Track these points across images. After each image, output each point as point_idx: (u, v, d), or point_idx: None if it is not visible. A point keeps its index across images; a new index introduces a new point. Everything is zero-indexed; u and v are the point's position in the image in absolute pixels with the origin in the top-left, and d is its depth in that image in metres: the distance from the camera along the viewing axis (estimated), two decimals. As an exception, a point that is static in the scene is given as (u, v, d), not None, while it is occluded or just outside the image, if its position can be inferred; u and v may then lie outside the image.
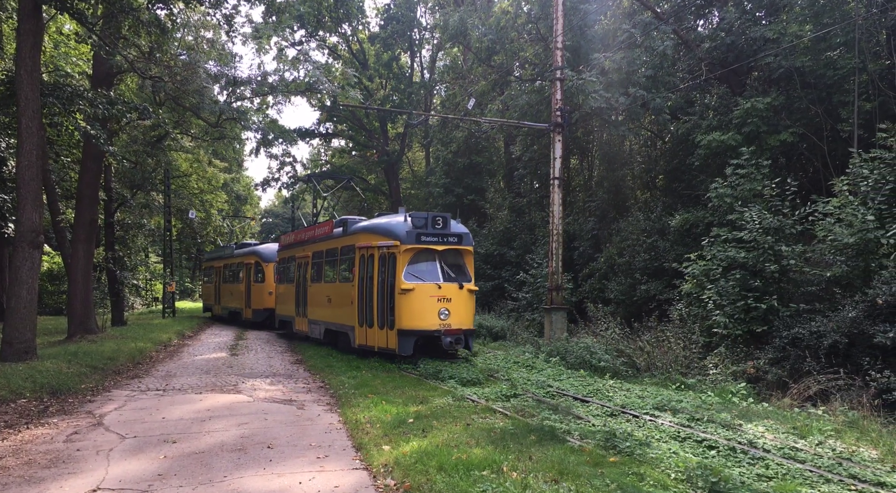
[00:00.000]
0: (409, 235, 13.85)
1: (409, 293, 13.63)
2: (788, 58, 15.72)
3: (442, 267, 14.07)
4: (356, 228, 15.75)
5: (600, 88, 18.11)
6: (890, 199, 11.53)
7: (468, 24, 24.01)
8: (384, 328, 14.14)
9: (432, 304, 13.63)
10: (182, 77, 16.65)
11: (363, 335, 14.87)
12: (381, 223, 14.93)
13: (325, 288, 17.62)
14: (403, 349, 13.71)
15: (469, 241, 14.66)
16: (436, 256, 14.11)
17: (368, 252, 14.67)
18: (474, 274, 14.78)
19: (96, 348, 15.17)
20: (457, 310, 13.84)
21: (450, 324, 13.69)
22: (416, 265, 13.93)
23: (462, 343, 13.70)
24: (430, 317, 13.60)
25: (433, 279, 13.84)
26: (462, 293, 14.05)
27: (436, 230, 14.08)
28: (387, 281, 14.05)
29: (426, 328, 13.60)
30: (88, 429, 8.57)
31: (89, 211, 19.08)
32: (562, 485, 5.89)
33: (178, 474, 6.57)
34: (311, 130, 41.42)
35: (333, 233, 17.40)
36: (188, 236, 45.68)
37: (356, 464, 6.95)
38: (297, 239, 21.12)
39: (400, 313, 13.72)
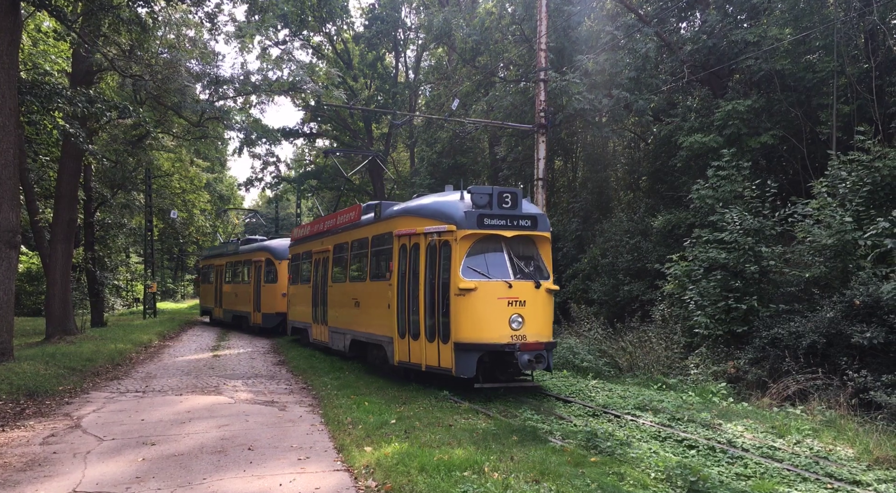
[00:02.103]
0: (469, 217, 10.57)
1: (469, 294, 10.35)
2: (769, 61, 15.90)
3: (511, 259, 10.77)
4: (393, 212, 12.58)
5: (584, 90, 18.18)
6: (867, 201, 11.70)
7: (452, 24, 24.01)
8: (434, 341, 10.85)
9: (501, 308, 10.33)
10: (163, 76, 16.49)
11: (404, 349, 11.58)
12: (427, 204, 11.79)
13: (350, 289, 14.46)
14: (463, 369, 10.33)
15: (545, 224, 11.26)
16: (503, 244, 10.81)
17: (411, 241, 11.51)
18: (552, 269, 11.42)
19: (75, 350, 14.97)
20: (533, 316, 10.47)
21: (524, 335, 10.32)
22: (477, 257, 10.71)
23: (544, 363, 10.32)
24: (498, 326, 10.28)
25: (501, 276, 10.51)
26: (539, 294, 10.65)
27: (503, 211, 10.77)
28: (438, 278, 10.86)
29: (493, 341, 10.22)
30: (66, 431, 8.46)
31: (68, 210, 18.83)
32: (542, 485, 5.90)
33: (157, 476, 6.50)
34: (296, 130, 41.23)
35: (361, 220, 14.28)
36: (170, 237, 45.26)
37: (337, 465, 6.92)
38: (313, 231, 18.01)
39: (457, 321, 10.40)
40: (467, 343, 10.33)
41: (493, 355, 10.64)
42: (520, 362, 10.07)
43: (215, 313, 29.73)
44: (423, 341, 11.10)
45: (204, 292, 33.92)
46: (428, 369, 11.09)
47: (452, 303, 10.49)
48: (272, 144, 40.72)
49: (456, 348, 10.41)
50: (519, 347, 10.13)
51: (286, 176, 47.53)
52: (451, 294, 10.49)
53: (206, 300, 32.38)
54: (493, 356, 10.66)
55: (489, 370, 10.86)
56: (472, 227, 10.58)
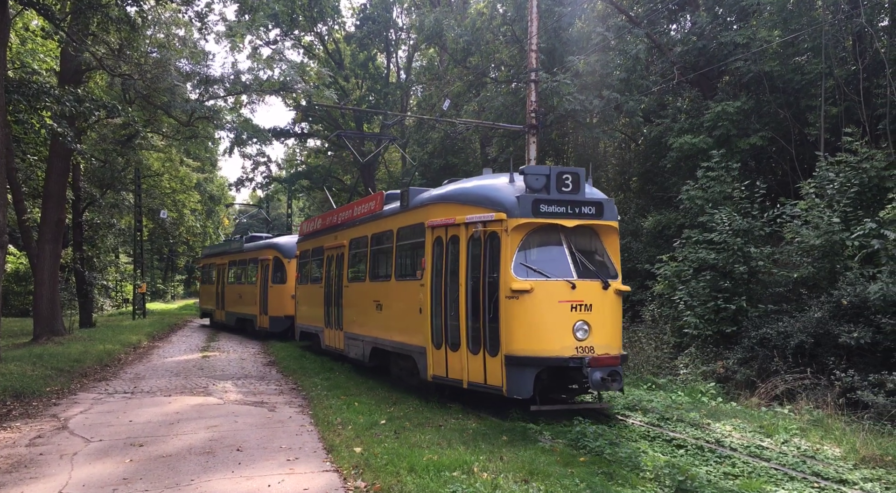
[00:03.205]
0: (523, 203, 8.85)
1: (524, 297, 8.57)
2: (758, 62, 15.99)
3: (573, 254, 9.00)
4: (425, 199, 10.75)
5: (575, 91, 18.23)
6: (854, 201, 11.80)
7: (444, 25, 24.01)
8: (479, 352, 9.08)
9: (563, 314, 8.60)
10: (153, 75, 16.42)
11: (440, 362, 9.78)
12: (469, 188, 9.96)
13: (371, 289, 12.69)
14: (517, 388, 8.58)
15: (612, 212, 9.45)
16: (563, 236, 9.07)
17: (448, 233, 9.79)
18: (620, 265, 9.63)
19: (63, 351, 14.87)
20: (601, 323, 8.76)
21: (591, 346, 8.57)
22: (531, 251, 9.03)
23: (619, 382, 8.51)
24: (559, 335, 8.56)
25: (562, 274, 8.79)
26: (607, 297, 8.91)
27: (563, 195, 9.01)
28: (483, 277, 9.11)
29: (554, 354, 8.48)
30: (52, 433, 8.40)
31: (56, 210, 18.70)
32: (531, 485, 5.92)
33: (144, 477, 6.47)
34: (287, 130, 41.13)
35: (384, 210, 12.53)
36: (160, 237, 45.04)
37: (327, 466, 6.90)
38: (325, 224, 16.21)
39: (509, 330, 8.64)
40: (522, 356, 8.55)
41: (552, 372, 8.86)
42: (591, 381, 8.30)
43: (216, 316, 27.98)
44: (465, 353, 9.29)
45: (204, 292, 31.87)
46: (472, 387, 9.26)
47: (503, 307, 8.71)
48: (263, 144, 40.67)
49: (507, 362, 8.62)
50: (589, 362, 8.35)
51: (277, 176, 47.42)
52: (501, 297, 8.72)
53: (207, 302, 30.34)
54: (552, 372, 8.91)
55: (546, 389, 9.10)
56: (525, 215, 8.84)
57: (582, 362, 8.38)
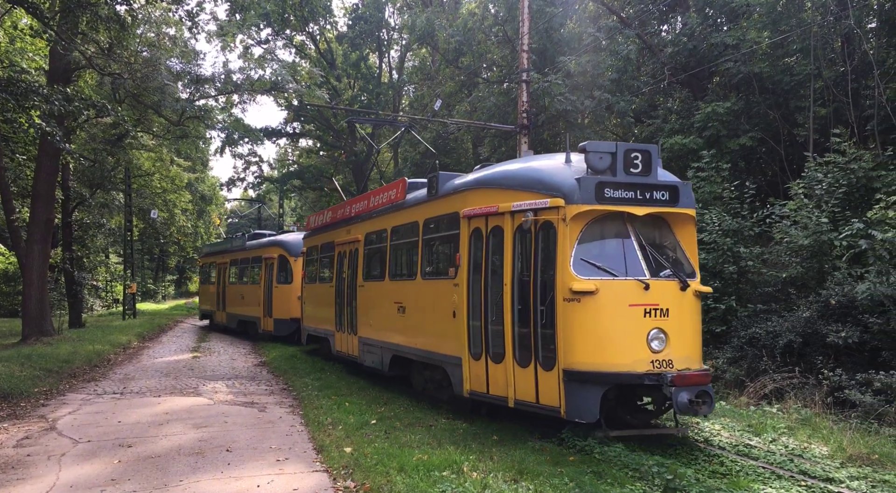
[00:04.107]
0: (585, 186, 7.46)
1: (587, 300, 7.26)
2: (747, 64, 16.10)
3: (643, 248, 7.65)
4: (460, 185, 9.32)
5: (566, 91, 18.29)
6: (843, 202, 11.89)
7: (436, 25, 24.03)
8: (530, 365, 7.71)
9: (635, 320, 7.28)
10: (143, 74, 16.31)
11: (478, 375, 8.46)
12: (516, 170, 8.62)
13: (392, 289, 11.33)
14: (578, 410, 7.22)
15: (689, 198, 8.04)
16: (630, 226, 7.72)
17: (490, 224, 8.46)
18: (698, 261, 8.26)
19: (51, 351, 14.78)
20: (679, 332, 7.41)
21: (670, 359, 7.22)
22: (594, 245, 7.65)
23: (710, 404, 7.03)
24: (631, 346, 7.22)
25: (633, 272, 7.45)
26: (686, 300, 7.58)
27: (632, 177, 7.61)
28: (534, 275, 7.77)
29: (625, 369, 7.14)
30: (40, 434, 8.35)
31: (45, 210, 18.57)
32: (521, 484, 5.93)
33: (133, 478, 6.44)
34: (278, 130, 41.01)
35: (407, 199, 11.12)
36: (150, 237, 44.80)
37: (316, 466, 6.90)
38: (335, 217, 14.80)
39: (569, 339, 7.31)
40: (585, 372, 7.16)
41: (621, 390, 7.61)
42: (677, 404, 6.82)
43: (217, 318, 26.68)
44: (511, 366, 7.93)
45: (204, 293, 30.44)
46: (520, 407, 7.90)
47: (560, 312, 7.35)
48: (254, 144, 40.56)
49: (567, 377, 7.24)
50: (672, 379, 6.89)
51: (269, 176, 47.27)
52: (558, 299, 7.39)
53: (207, 302, 28.91)
54: (622, 391, 7.67)
55: (612, 409, 7.80)
56: (588, 201, 7.44)
57: (661, 379, 6.97)
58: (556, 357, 7.39)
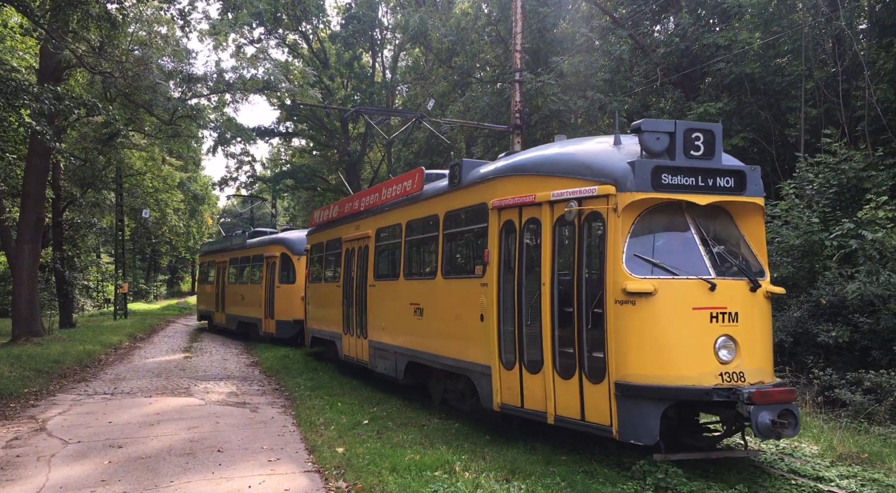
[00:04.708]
0: (640, 171, 6.47)
1: (643, 302, 6.31)
2: (739, 64, 16.15)
3: (706, 243, 6.67)
4: (488, 174, 8.36)
5: (559, 91, 18.31)
6: (833, 202, 11.95)
7: (429, 24, 24.02)
8: (573, 376, 6.75)
9: (699, 326, 6.33)
10: (134, 73, 16.24)
11: (511, 387, 7.53)
12: (555, 154, 7.64)
13: (407, 289, 10.40)
14: (634, 430, 6.23)
15: (757, 185, 6.95)
16: (689, 217, 6.76)
17: (524, 215, 7.53)
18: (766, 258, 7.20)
19: (42, 351, 14.70)
20: (750, 339, 6.44)
21: (741, 372, 6.25)
22: (649, 238, 6.71)
23: (795, 425, 5.98)
24: (696, 356, 6.26)
25: (696, 270, 6.46)
26: (756, 303, 6.62)
27: (693, 161, 6.66)
28: (578, 274, 6.83)
29: (690, 383, 6.15)
30: (30, 434, 8.30)
31: (36, 209, 18.47)
32: (513, 484, 5.94)
33: (123, 479, 6.41)
34: (271, 130, 40.90)
35: (425, 191, 10.12)
36: (142, 236, 44.59)
37: (308, 466, 6.88)
38: (342, 212, 13.95)
39: (622, 347, 6.36)
40: (642, 386, 6.19)
41: (683, 408, 6.63)
42: (757, 426, 5.80)
43: (216, 319, 25.68)
44: (551, 377, 6.97)
45: (202, 293, 29.34)
46: (561, 424, 6.90)
47: (611, 316, 6.40)
48: (247, 144, 40.44)
49: (619, 391, 6.27)
50: (752, 396, 5.84)
51: (262, 175, 47.14)
52: (608, 301, 6.45)
53: (205, 303, 27.82)
54: (684, 409, 6.71)
55: (669, 428, 6.63)
56: (643, 188, 6.46)
57: (735, 395, 5.95)
58: (605, 368, 6.42)
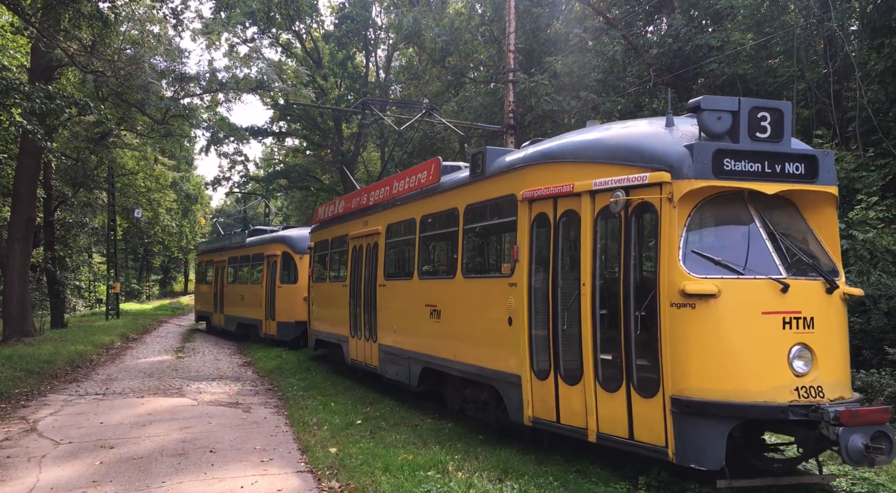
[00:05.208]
0: (699, 155, 5.69)
1: (704, 305, 5.54)
2: (731, 65, 16.22)
3: (773, 238, 5.87)
4: (516, 162, 7.59)
5: (552, 91, 18.35)
6: (825, 202, 11.99)
7: (422, 24, 24.02)
8: (620, 390, 5.98)
9: (770, 333, 5.53)
10: (126, 72, 16.16)
11: (545, 399, 6.80)
12: (598, 138, 6.82)
13: (422, 290, 9.65)
14: (695, 452, 5.45)
15: (830, 174, 6.13)
16: (753, 209, 5.95)
17: (560, 207, 6.77)
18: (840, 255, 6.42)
19: (33, 352, 14.62)
20: (828, 348, 5.66)
21: (819, 386, 5.48)
22: (708, 233, 5.99)
23: (891, 449, 5.11)
24: (767, 367, 5.46)
25: (764, 269, 5.68)
26: (832, 306, 5.83)
27: (759, 144, 5.87)
28: (627, 273, 6.04)
29: (761, 399, 5.37)
30: (21, 435, 8.25)
31: (27, 209, 18.37)
32: (506, 484, 5.94)
33: (115, 480, 6.38)
34: (264, 129, 40.74)
35: (442, 183, 9.33)
36: (134, 236, 44.40)
37: (301, 467, 6.87)
38: (349, 207, 13.11)
39: (681, 356, 5.58)
40: (705, 402, 5.38)
41: (748, 428, 5.81)
42: (848, 450, 5.00)
43: (214, 320, 24.96)
44: (592, 389, 6.20)
45: (200, 293, 28.74)
46: (604, 441, 6.13)
47: (666, 320, 5.64)
48: (240, 143, 40.33)
49: (677, 408, 5.48)
50: (839, 416, 5.04)
51: (255, 175, 47.01)
52: (662, 304, 5.67)
53: (203, 304, 27.19)
54: (749, 429, 5.86)
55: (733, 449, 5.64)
56: (703, 175, 5.67)
57: (817, 413, 5.16)
58: (659, 380, 5.62)
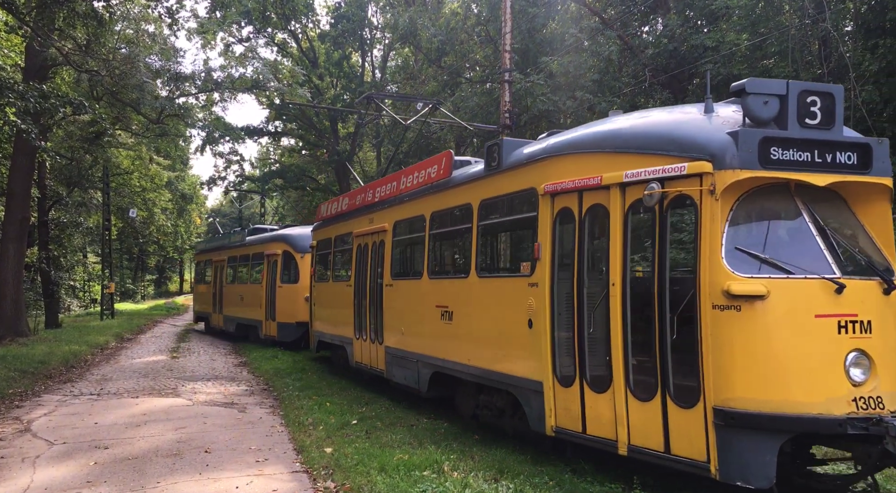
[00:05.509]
0: (745, 143, 5.18)
1: (751, 307, 5.05)
2: (727, 65, 16.25)
3: (824, 234, 5.38)
4: (537, 153, 7.08)
5: (548, 91, 18.36)
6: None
7: (418, 24, 24.00)
8: (654, 399, 5.52)
9: (824, 337, 5.04)
10: (121, 71, 16.12)
11: (569, 407, 6.33)
12: (629, 127, 6.33)
13: (432, 290, 9.14)
14: (741, 469, 4.92)
15: (885, 164, 5.58)
16: (800, 202, 5.46)
17: (586, 202, 6.31)
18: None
19: (27, 352, 14.57)
20: (887, 354, 5.19)
21: (878, 396, 4.97)
22: (753, 228, 5.47)
23: None
24: (822, 375, 4.97)
25: (816, 268, 5.20)
26: (890, 308, 5.38)
27: (809, 131, 5.37)
28: (662, 271, 5.60)
29: (815, 411, 4.86)
30: (14, 435, 8.21)
31: (21, 208, 18.31)
32: (502, 483, 5.93)
33: (109, 480, 6.35)
34: (260, 129, 40.68)
35: (454, 177, 8.87)
36: (129, 236, 44.27)
37: (296, 467, 6.85)
38: (353, 204, 12.63)
39: (723, 363, 5.09)
40: (753, 414, 4.89)
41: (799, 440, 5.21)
42: None
43: (213, 321, 24.51)
44: (622, 396, 5.75)
45: (198, 293, 28.33)
46: (636, 454, 5.67)
47: (708, 324, 5.14)
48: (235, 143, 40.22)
49: (721, 420, 4.99)
50: None
51: (251, 175, 46.92)
52: (703, 305, 5.18)
53: (202, 304, 26.80)
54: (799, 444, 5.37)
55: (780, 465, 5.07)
56: (748, 165, 5.17)
57: (881, 427, 4.69)
58: (699, 389, 5.14)
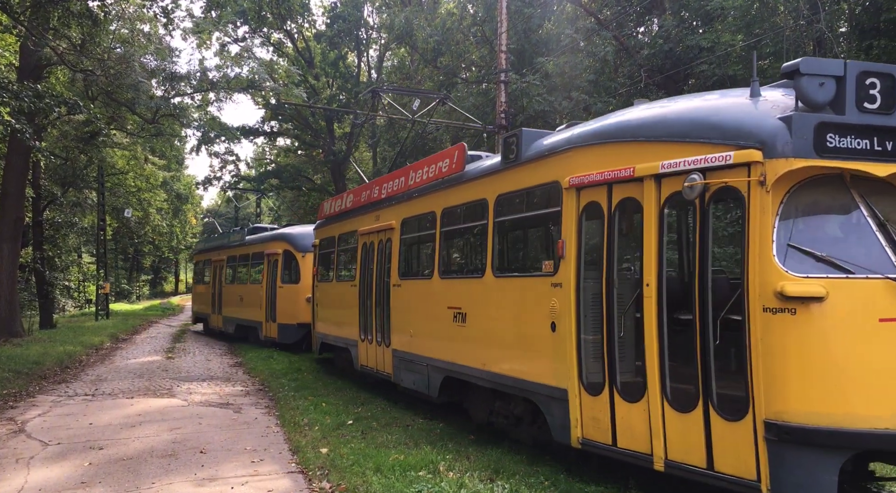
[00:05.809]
0: (798, 129, 4.64)
1: (807, 311, 4.50)
2: (722, 66, 16.30)
3: (884, 229, 4.75)
4: (562, 143, 6.58)
5: (544, 92, 18.38)
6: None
7: (414, 24, 23.99)
8: (695, 410, 5.02)
9: (889, 343, 4.47)
10: (116, 71, 16.06)
11: (597, 418, 5.86)
12: (663, 113, 5.82)
13: (443, 290, 8.72)
14: (797, 490, 4.44)
15: None
16: (857, 194, 4.85)
17: (615, 196, 5.83)
18: None
19: (21, 352, 14.52)
20: None
21: None
22: (806, 223, 4.84)
23: None
24: (887, 386, 4.43)
25: (879, 267, 4.60)
26: None
27: (869, 116, 4.79)
28: (704, 270, 5.14)
29: (882, 426, 4.33)
30: (8, 436, 8.18)
31: (15, 209, 18.25)
32: (497, 483, 5.94)
33: (104, 481, 6.34)
34: (256, 129, 40.59)
35: (467, 171, 8.42)
36: (124, 236, 44.15)
37: (292, 467, 6.85)
38: (358, 201, 12.16)
39: (775, 371, 4.56)
40: (809, 428, 4.44)
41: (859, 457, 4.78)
42: None
43: (212, 322, 24.07)
44: (658, 407, 5.27)
45: (197, 293, 27.93)
46: (674, 470, 5.17)
47: (758, 328, 4.65)
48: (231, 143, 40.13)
49: (773, 434, 4.52)
50: None
51: (246, 175, 46.82)
52: (752, 308, 4.69)
53: (201, 305, 26.35)
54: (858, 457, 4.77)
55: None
56: (802, 153, 4.67)
57: None
58: (748, 400, 4.68)
